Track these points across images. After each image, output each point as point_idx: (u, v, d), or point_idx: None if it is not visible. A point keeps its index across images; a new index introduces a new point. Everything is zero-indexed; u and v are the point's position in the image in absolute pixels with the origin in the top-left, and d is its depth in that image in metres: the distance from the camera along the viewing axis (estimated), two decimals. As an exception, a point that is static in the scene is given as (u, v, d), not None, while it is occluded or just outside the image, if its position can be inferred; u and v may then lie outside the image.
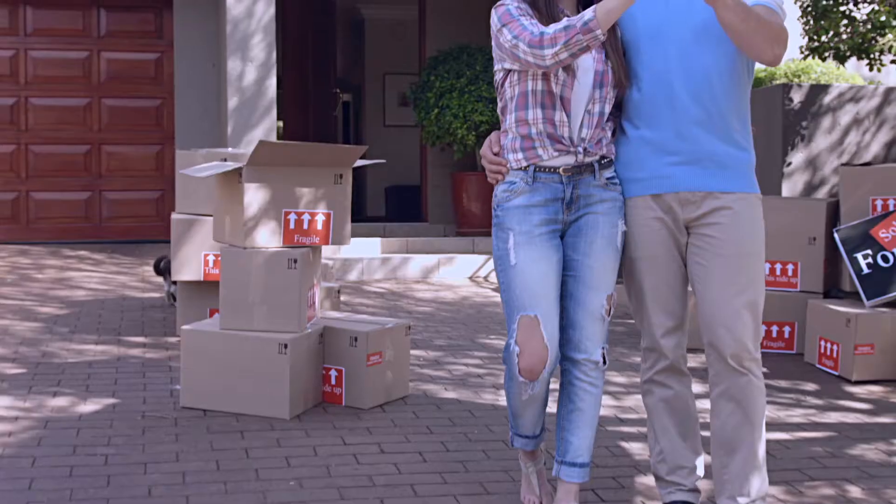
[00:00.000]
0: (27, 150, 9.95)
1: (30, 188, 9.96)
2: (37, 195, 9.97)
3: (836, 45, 5.80)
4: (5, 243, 9.63)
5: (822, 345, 5.54)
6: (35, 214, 9.96)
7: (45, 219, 9.94)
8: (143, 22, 10.19)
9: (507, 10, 3.07)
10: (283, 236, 4.43)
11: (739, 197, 3.08)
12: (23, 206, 9.93)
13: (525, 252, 3.05)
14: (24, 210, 9.94)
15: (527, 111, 3.06)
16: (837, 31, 5.74)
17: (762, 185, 6.71)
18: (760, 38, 2.89)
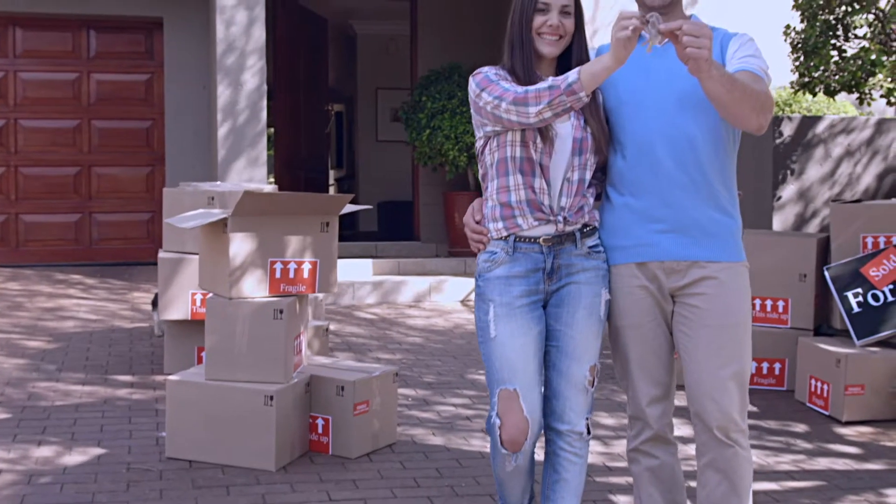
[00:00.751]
0: (17, 173, 9.92)
1: (20, 210, 9.93)
2: (27, 217, 9.94)
3: (826, 82, 5.78)
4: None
5: (812, 383, 5.52)
6: (25, 237, 9.93)
7: (36, 241, 9.91)
8: (134, 43, 10.16)
9: (486, 76, 3.06)
10: (269, 285, 4.40)
11: (725, 266, 3.05)
12: (13, 229, 9.90)
13: (505, 324, 3.03)
14: (14, 233, 9.90)
15: (507, 178, 3.04)
16: (828, 67, 5.72)
17: (753, 217, 6.76)
18: (746, 108, 2.87)
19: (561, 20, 3.06)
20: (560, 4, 3.07)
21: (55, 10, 9.84)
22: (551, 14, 3.06)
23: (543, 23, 3.06)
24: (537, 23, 3.06)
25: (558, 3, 3.07)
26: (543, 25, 3.06)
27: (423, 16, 11.55)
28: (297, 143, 11.40)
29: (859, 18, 5.61)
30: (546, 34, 3.06)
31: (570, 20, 3.09)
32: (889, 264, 5.52)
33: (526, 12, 3.08)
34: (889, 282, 5.49)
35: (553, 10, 3.06)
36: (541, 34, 3.07)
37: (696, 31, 2.67)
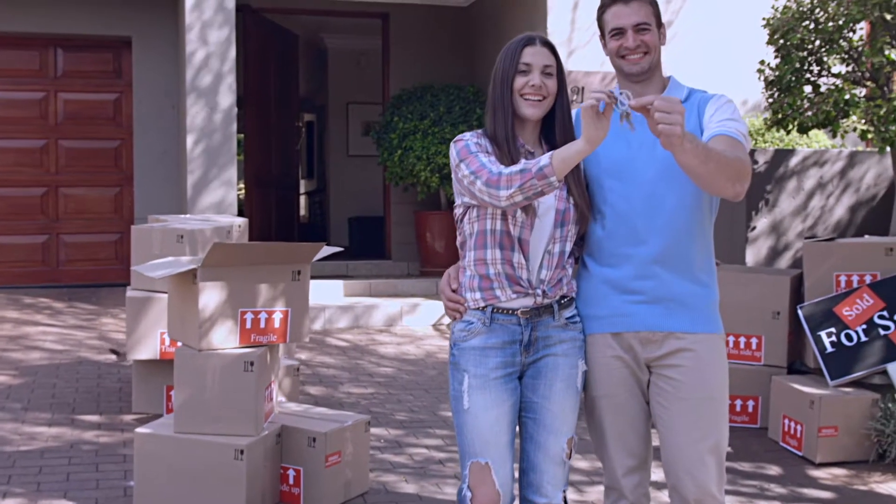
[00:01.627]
0: (-18, 193, 9.78)
1: (-15, 232, 9.79)
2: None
3: (800, 119, 5.78)
4: (-40, 288, 9.45)
5: (785, 423, 5.51)
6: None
7: (2, 263, 9.77)
8: (102, 62, 10.04)
9: (466, 145, 3.01)
10: (239, 336, 4.32)
11: (702, 338, 3.03)
12: (-22, 251, 9.76)
13: (479, 396, 2.98)
14: (-21, 254, 9.76)
15: (485, 251, 3.00)
16: (801, 105, 5.71)
17: (726, 250, 6.75)
18: (721, 179, 2.83)
19: (543, 81, 3.02)
20: (542, 65, 3.03)
21: (22, 29, 9.70)
22: (533, 75, 3.01)
23: (525, 83, 3.01)
24: (519, 84, 3.02)
25: (540, 63, 3.03)
26: (525, 86, 3.01)
27: (395, 32, 11.49)
28: (268, 159, 11.31)
29: (833, 59, 5.60)
30: (528, 95, 3.02)
31: (552, 81, 3.05)
32: (862, 304, 5.51)
33: (507, 73, 3.04)
34: (862, 322, 5.49)
35: (535, 70, 3.02)
36: (523, 95, 3.02)
37: (667, 106, 2.63)
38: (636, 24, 3.08)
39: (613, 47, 3.12)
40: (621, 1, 3.11)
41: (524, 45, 3.05)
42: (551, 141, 3.08)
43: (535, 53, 3.04)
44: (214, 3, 8.65)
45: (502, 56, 3.07)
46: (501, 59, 3.07)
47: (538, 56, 3.04)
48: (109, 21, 9.83)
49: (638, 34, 3.08)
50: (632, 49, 3.08)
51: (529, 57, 3.03)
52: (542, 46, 3.06)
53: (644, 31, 3.09)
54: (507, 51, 3.07)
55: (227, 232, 5.90)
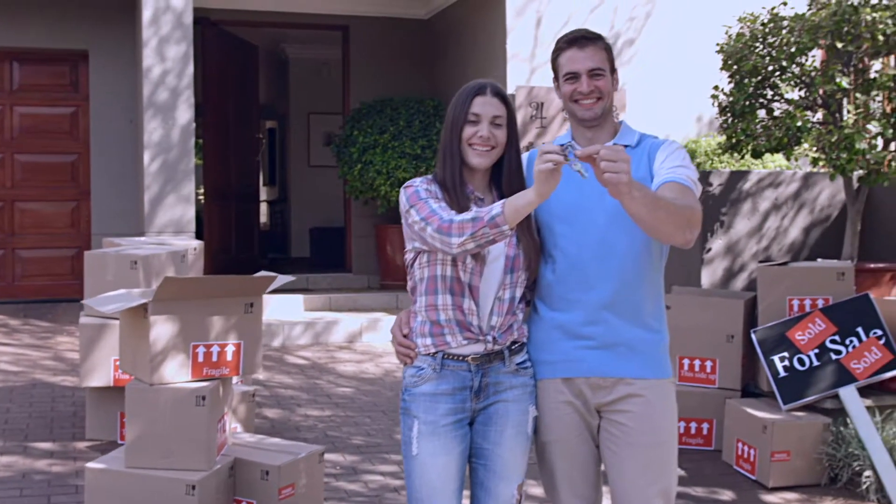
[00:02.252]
0: (-63, 207, 9.66)
1: (-60, 246, 9.68)
2: (-53, 254, 9.69)
3: (753, 145, 5.82)
4: (-86, 304, 9.33)
5: (739, 447, 5.56)
6: (-55, 273, 9.68)
7: (-44, 277, 9.67)
8: (58, 75, 9.96)
9: (416, 190, 3.01)
10: (191, 370, 4.29)
11: (651, 384, 3.05)
12: (-68, 265, 9.64)
13: (428, 443, 2.98)
14: (-67, 269, 9.65)
15: (436, 296, 3.00)
16: (755, 130, 5.76)
17: (682, 273, 6.79)
18: (670, 227, 2.85)
19: (492, 131, 3.03)
20: (491, 115, 3.03)
21: (-24, 42, 9.60)
22: (482, 125, 3.02)
23: (474, 133, 3.02)
24: (468, 134, 3.02)
25: (489, 113, 3.03)
26: (474, 136, 3.02)
27: (355, 45, 11.48)
28: (227, 172, 11.25)
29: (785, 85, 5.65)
30: (476, 145, 3.02)
31: (501, 131, 3.05)
32: (814, 328, 5.57)
33: (457, 123, 3.04)
34: (814, 346, 5.55)
35: (484, 121, 3.02)
36: (471, 145, 3.02)
37: (612, 155, 2.65)
38: (591, 69, 3.10)
39: (567, 91, 3.13)
40: (576, 45, 3.13)
41: (474, 94, 3.05)
42: (501, 188, 3.09)
43: (485, 104, 3.04)
44: (172, 19, 8.60)
45: (453, 104, 3.08)
46: (452, 107, 3.08)
47: (488, 106, 3.04)
48: (66, 34, 9.75)
49: (592, 79, 3.10)
50: (585, 94, 3.10)
51: (479, 107, 3.03)
52: (492, 96, 3.06)
53: (598, 77, 3.11)
54: (458, 99, 3.08)
55: (183, 256, 5.87)
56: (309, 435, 5.95)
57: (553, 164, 2.70)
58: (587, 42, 3.13)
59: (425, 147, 9.95)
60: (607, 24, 9.79)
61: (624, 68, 9.85)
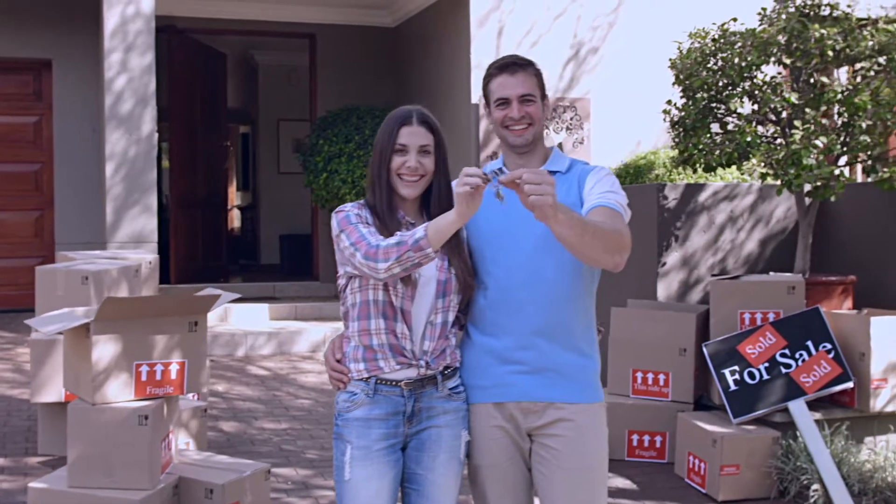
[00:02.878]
0: None
1: None
2: None
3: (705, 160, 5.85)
4: None
5: (690, 460, 5.59)
6: None
7: (-82, 288, 9.61)
8: (22, 84, 9.93)
9: (347, 216, 3.01)
10: (134, 389, 4.28)
11: (582, 408, 3.06)
12: None
13: (360, 468, 2.99)
14: None
15: (369, 321, 3.00)
16: (706, 146, 5.79)
17: (637, 286, 6.82)
18: (598, 250, 2.86)
19: (420, 161, 3.03)
20: (418, 145, 3.03)
21: (-62, 52, 9.56)
22: (410, 155, 3.02)
23: (402, 164, 3.02)
24: (396, 164, 3.02)
25: (416, 143, 3.03)
26: (402, 167, 3.02)
27: (322, 53, 11.49)
28: (193, 180, 11.24)
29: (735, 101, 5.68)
30: (405, 175, 3.03)
31: (429, 159, 3.05)
32: (765, 342, 5.61)
33: (384, 153, 3.04)
34: (765, 360, 5.58)
35: (411, 151, 3.02)
36: (400, 175, 3.03)
37: (536, 178, 2.66)
38: (521, 95, 3.11)
39: (498, 117, 3.14)
40: (507, 71, 3.15)
41: (401, 124, 3.05)
42: (432, 212, 3.10)
43: (412, 133, 3.04)
44: (135, 29, 8.58)
45: (380, 133, 3.08)
46: (379, 137, 3.08)
47: (414, 136, 3.04)
48: (29, 43, 9.72)
49: (523, 105, 3.11)
50: (516, 120, 3.11)
51: (406, 138, 3.03)
52: (419, 125, 3.05)
53: (529, 103, 3.12)
54: (385, 128, 3.08)
55: (136, 270, 5.86)
56: (263, 448, 5.95)
57: (470, 188, 2.71)
58: (518, 68, 3.15)
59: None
60: (570, 33, 9.83)
61: (588, 76, 9.91)
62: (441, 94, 10.38)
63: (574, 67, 9.85)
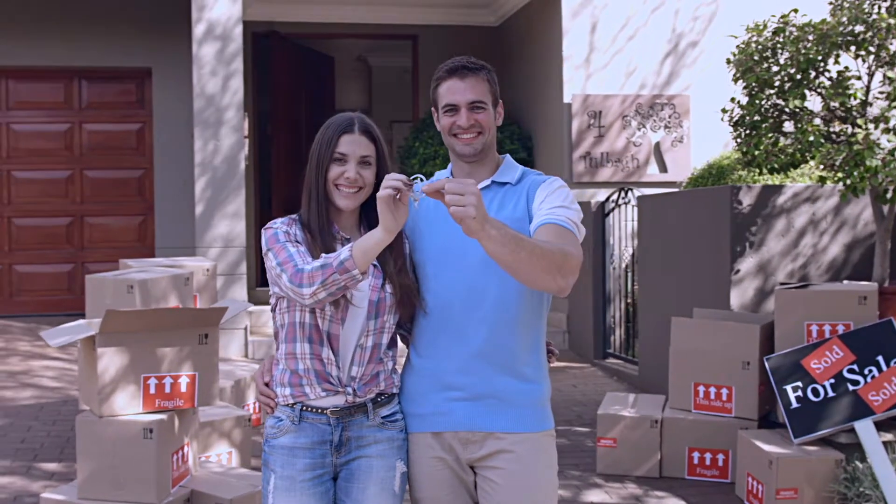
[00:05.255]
0: (10, 224, 10.00)
1: (13, 261, 10.01)
2: (20, 268, 10.01)
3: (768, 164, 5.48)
4: (-12, 317, 9.68)
5: (749, 481, 5.25)
6: (18, 287, 10.00)
7: (28, 291, 9.98)
8: (125, 92, 10.18)
9: (275, 233, 2.86)
10: (142, 401, 4.27)
11: (524, 438, 2.84)
12: (6, 280, 9.98)
13: (284, 499, 2.83)
14: (6, 283, 9.98)
15: (295, 344, 2.85)
16: (768, 148, 5.42)
17: (709, 294, 6.48)
18: (537, 270, 2.60)
19: (359, 172, 2.85)
20: (358, 155, 2.86)
21: (47, 63, 9.90)
22: (349, 165, 2.84)
23: (340, 174, 2.84)
24: (334, 174, 2.85)
25: (356, 153, 2.86)
26: (340, 177, 2.85)
27: (424, 53, 11.42)
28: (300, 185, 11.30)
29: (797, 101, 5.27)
30: (343, 186, 2.86)
31: (369, 171, 2.87)
32: (831, 356, 5.22)
33: (322, 161, 2.87)
34: (830, 375, 5.20)
35: (351, 160, 2.84)
36: (337, 186, 2.87)
37: (458, 189, 2.44)
38: (470, 101, 2.90)
39: (446, 124, 2.95)
40: (456, 75, 2.95)
41: (341, 132, 2.88)
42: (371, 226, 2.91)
43: (352, 142, 2.86)
44: (221, 36, 8.67)
45: (318, 140, 2.91)
46: (317, 144, 2.90)
47: (354, 145, 2.86)
48: (131, 52, 9.96)
49: (472, 112, 2.91)
50: (465, 128, 2.91)
51: (345, 146, 2.85)
52: (360, 134, 2.88)
53: (479, 110, 2.91)
54: (324, 136, 2.90)
55: (187, 279, 5.87)
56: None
57: (392, 191, 2.53)
58: (468, 72, 2.94)
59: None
60: (668, 26, 9.46)
61: (687, 71, 9.53)
62: (535, 92, 10.17)
63: (672, 62, 9.48)
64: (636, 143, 9.39)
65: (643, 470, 5.71)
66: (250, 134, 10.37)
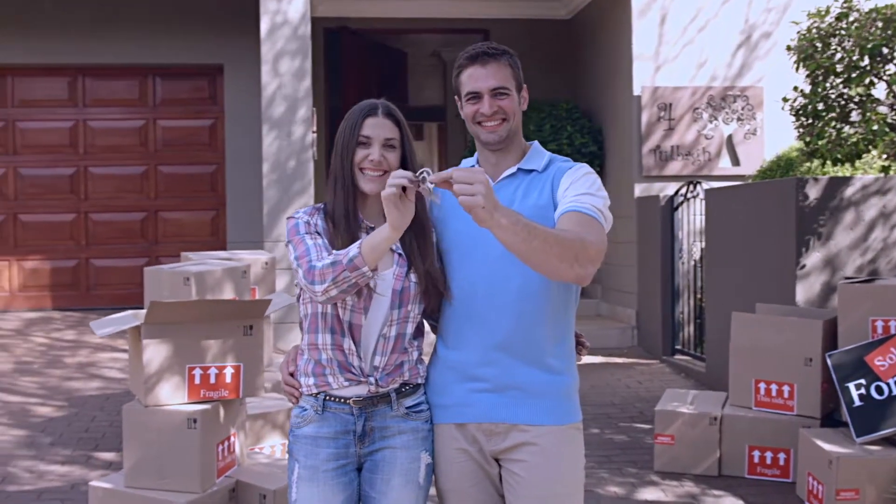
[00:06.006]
0: (87, 219, 10.20)
1: (90, 255, 10.21)
2: (96, 262, 10.21)
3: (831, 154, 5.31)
4: (66, 310, 9.88)
5: (809, 481, 5.10)
6: (95, 281, 10.21)
7: (104, 285, 10.17)
8: (197, 89, 10.32)
9: (296, 224, 2.84)
10: (187, 392, 4.30)
11: (548, 430, 2.77)
12: (83, 274, 10.19)
13: (307, 489, 2.81)
14: (83, 277, 10.19)
15: (317, 335, 2.83)
16: (831, 138, 5.25)
17: (775, 289, 6.31)
18: (553, 259, 2.53)
19: (384, 154, 2.81)
20: (383, 138, 2.82)
21: (122, 60, 10.07)
22: (373, 148, 2.81)
23: (365, 157, 2.81)
24: (359, 157, 2.81)
25: (381, 136, 2.82)
26: (365, 160, 2.82)
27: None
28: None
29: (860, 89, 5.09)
30: (367, 170, 2.82)
31: (394, 154, 2.84)
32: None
33: (347, 146, 2.84)
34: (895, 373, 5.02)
35: (375, 143, 2.81)
36: (362, 169, 2.83)
37: (467, 177, 2.40)
38: (493, 88, 2.84)
39: (469, 113, 2.89)
40: (478, 62, 2.88)
41: (365, 115, 2.86)
42: None
43: (376, 125, 2.83)
44: (288, 33, 8.72)
45: (343, 125, 2.89)
46: (342, 129, 2.89)
47: (379, 128, 2.83)
48: (203, 49, 10.09)
49: (495, 99, 2.85)
50: (488, 115, 2.85)
51: (370, 129, 2.83)
52: (384, 117, 2.85)
53: (502, 97, 2.85)
54: (348, 120, 2.88)
55: (244, 271, 5.91)
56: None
57: (396, 189, 2.50)
58: (489, 58, 2.87)
59: (555, 152, 9.68)
60: (741, 17, 9.25)
61: (760, 62, 9.31)
62: (605, 85, 10.04)
63: (745, 54, 9.27)
64: (707, 135, 9.21)
65: (702, 468, 5.58)
66: (320, 129, 10.42)
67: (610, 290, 9.98)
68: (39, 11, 9.93)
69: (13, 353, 8.26)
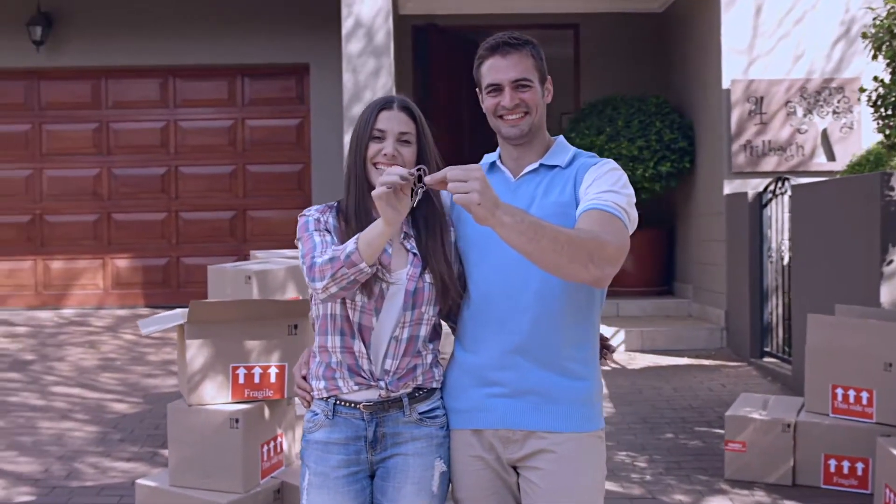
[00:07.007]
0: (177, 217, 10.37)
1: (180, 254, 10.38)
2: (186, 260, 10.38)
3: (911, 145, 5.03)
4: (157, 307, 10.06)
5: (886, 493, 4.81)
6: (185, 279, 10.37)
7: (194, 283, 10.32)
8: (285, 88, 10.39)
9: (306, 221, 2.77)
10: (231, 391, 4.28)
11: (567, 438, 2.63)
12: (173, 272, 10.36)
13: (317, 496, 2.73)
14: (174, 275, 10.36)
15: (327, 337, 2.74)
16: (911, 128, 4.97)
17: (858, 288, 5.99)
18: (563, 259, 2.40)
19: (398, 149, 2.71)
20: (397, 131, 2.73)
21: (211, 61, 10.20)
22: (387, 142, 2.71)
23: (378, 151, 2.72)
24: (372, 151, 2.72)
25: (395, 129, 2.72)
26: (378, 154, 2.72)
27: (585, 43, 11.16)
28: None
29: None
30: (381, 164, 2.72)
31: (409, 149, 2.73)
32: (982, 359, 4.73)
33: (361, 140, 2.75)
34: (980, 380, 4.71)
35: (389, 137, 2.71)
36: (375, 164, 2.73)
37: (461, 175, 2.30)
38: (514, 80, 2.72)
39: (490, 105, 2.77)
40: (498, 53, 2.76)
41: (380, 109, 2.77)
42: (414, 213, 2.77)
43: (390, 118, 2.74)
44: (365, 32, 8.69)
45: (358, 120, 2.82)
46: (357, 124, 2.81)
47: (393, 122, 2.74)
48: (290, 48, 10.15)
49: (516, 91, 2.72)
50: (509, 109, 2.73)
51: (384, 122, 2.73)
52: (399, 111, 2.75)
53: (524, 89, 2.72)
54: (363, 115, 2.79)
55: (307, 270, 5.88)
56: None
57: (387, 189, 2.40)
58: (510, 49, 2.74)
59: (643, 148, 9.48)
60: (841, 8, 8.87)
61: (861, 56, 8.89)
62: (695, 79, 9.76)
63: (844, 46, 8.88)
64: (801, 130, 8.86)
65: (774, 477, 5.34)
66: (407, 127, 10.36)
67: (701, 289, 9.70)
68: (130, 14, 10.13)
69: (100, 349, 8.42)
